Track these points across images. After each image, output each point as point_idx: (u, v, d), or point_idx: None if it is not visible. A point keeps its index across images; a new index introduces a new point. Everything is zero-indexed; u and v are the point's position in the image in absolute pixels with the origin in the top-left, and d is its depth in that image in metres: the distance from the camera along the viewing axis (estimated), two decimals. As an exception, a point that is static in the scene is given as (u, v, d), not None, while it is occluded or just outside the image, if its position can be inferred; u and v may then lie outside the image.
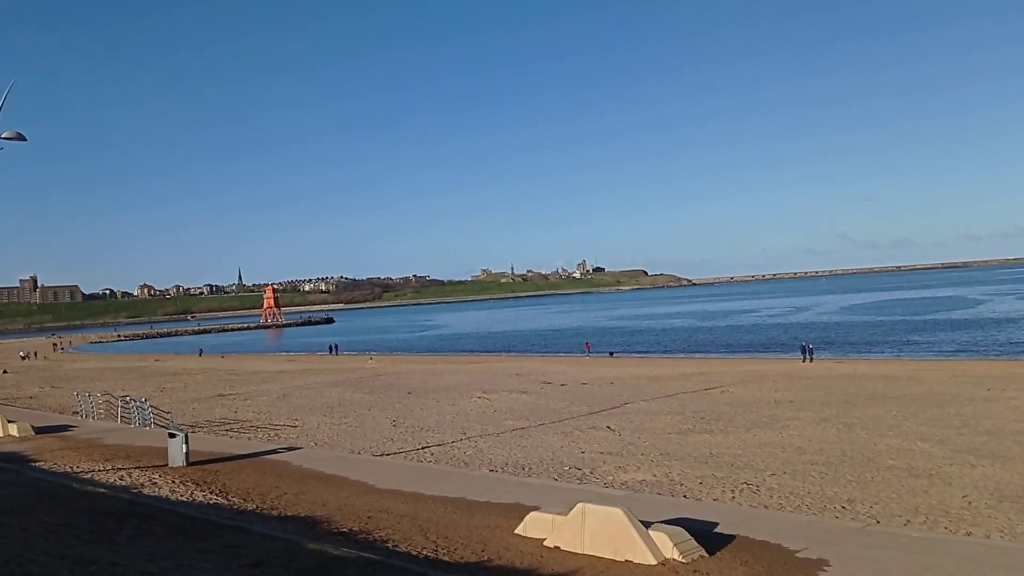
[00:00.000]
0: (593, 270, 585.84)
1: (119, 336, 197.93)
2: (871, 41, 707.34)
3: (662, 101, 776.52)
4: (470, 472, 19.87)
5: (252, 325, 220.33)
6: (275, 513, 14.71)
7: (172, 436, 20.26)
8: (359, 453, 24.35)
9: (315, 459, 21.44)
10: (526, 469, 21.02)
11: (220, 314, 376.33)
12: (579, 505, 11.89)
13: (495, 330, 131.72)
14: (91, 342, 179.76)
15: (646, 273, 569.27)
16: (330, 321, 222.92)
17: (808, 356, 51.82)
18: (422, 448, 25.13)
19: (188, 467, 19.71)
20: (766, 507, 16.14)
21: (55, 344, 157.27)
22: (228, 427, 31.74)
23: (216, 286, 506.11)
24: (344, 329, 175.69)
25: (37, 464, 21.02)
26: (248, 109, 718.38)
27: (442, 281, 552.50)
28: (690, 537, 11.38)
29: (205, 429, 30.85)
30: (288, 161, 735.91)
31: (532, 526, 12.69)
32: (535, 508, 14.23)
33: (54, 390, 54.82)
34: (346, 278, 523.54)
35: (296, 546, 10.89)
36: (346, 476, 18.46)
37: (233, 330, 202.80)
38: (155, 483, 17.74)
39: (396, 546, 12.25)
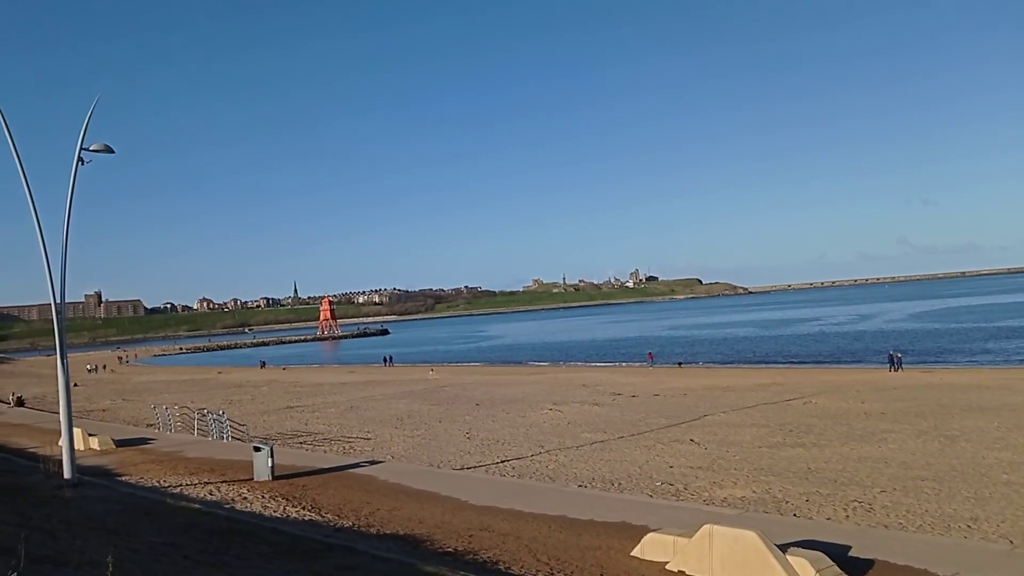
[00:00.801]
0: (646, 279, 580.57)
1: (181, 349, 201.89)
2: (927, 44, 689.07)
3: (716, 108, 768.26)
4: (564, 488, 19.19)
5: (309, 337, 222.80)
6: (373, 531, 14.24)
7: (257, 450, 20.00)
8: (438, 467, 23.89)
9: (399, 473, 21.00)
10: (616, 484, 20.29)
11: (277, 326, 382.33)
12: (705, 527, 11.13)
13: (551, 340, 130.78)
14: (154, 355, 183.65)
15: (700, 282, 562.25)
16: (385, 332, 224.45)
17: (896, 366, 49.85)
18: (502, 462, 24.55)
19: (274, 481, 19.41)
20: (886, 527, 15.15)
21: (120, 357, 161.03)
22: (301, 440, 31.60)
23: (272, 299, 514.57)
24: (399, 340, 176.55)
25: (123, 478, 20.97)
26: (302, 121, 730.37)
27: (493, 292, 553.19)
28: (832, 563, 10.54)
29: (279, 442, 30.70)
30: (341, 173, 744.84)
31: (651, 548, 11.97)
32: (644, 527, 13.56)
33: (125, 403, 55.73)
34: (399, 290, 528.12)
35: (412, 569, 10.35)
36: (436, 491, 17.95)
37: (290, 342, 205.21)
38: (245, 498, 17.44)
39: (508, 568, 11.66)
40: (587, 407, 37.61)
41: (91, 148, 17.92)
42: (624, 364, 74.16)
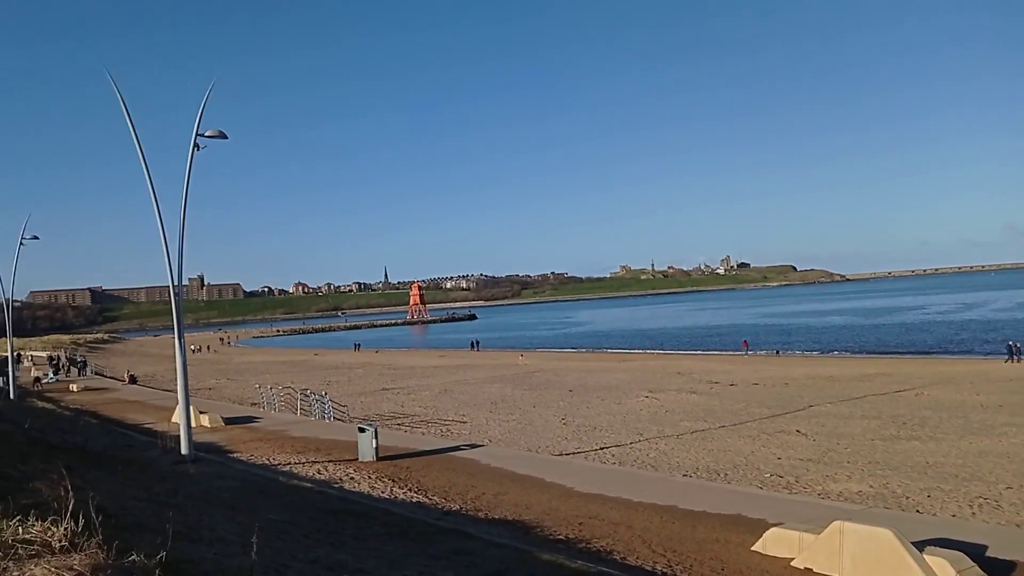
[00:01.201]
0: (738, 266, 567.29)
1: (278, 331, 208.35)
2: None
3: (813, 96, 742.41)
4: (670, 477, 18.79)
5: (399, 321, 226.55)
6: (481, 515, 14.18)
7: (362, 431, 20.27)
8: (536, 452, 23.78)
9: (501, 457, 20.95)
10: (722, 475, 19.75)
11: (368, 310, 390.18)
12: (835, 523, 10.59)
13: (640, 327, 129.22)
14: (253, 337, 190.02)
15: (795, 268, 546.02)
16: (473, 318, 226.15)
17: (1016, 357, 47.11)
18: (601, 448, 24.26)
19: (379, 462, 19.64)
20: (1017, 525, 14.25)
21: (222, 338, 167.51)
22: (399, 421, 32.00)
23: (364, 284, 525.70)
24: (486, 326, 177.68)
25: (234, 455, 21.60)
26: (394, 108, 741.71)
27: (580, 278, 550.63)
28: (972, 563, 9.89)
29: (377, 423, 31.15)
30: (431, 159, 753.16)
31: (774, 543, 11.49)
32: (761, 520, 13.08)
33: (230, 382, 57.82)
34: (486, 275, 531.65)
35: (528, 556, 10.17)
36: (540, 477, 17.80)
37: (382, 326, 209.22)
38: (352, 478, 17.68)
39: (624, 559, 11.38)
40: (684, 395, 36.88)
41: (206, 134, 18.36)
42: (718, 352, 72.56)
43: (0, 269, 48.30)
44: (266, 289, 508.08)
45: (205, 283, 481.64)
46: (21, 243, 38.25)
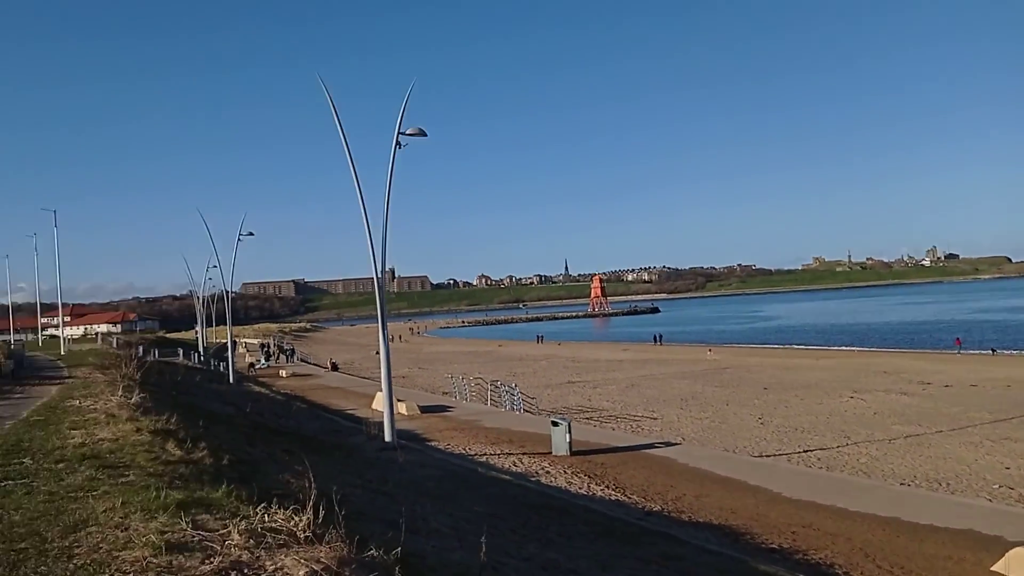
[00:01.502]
0: (945, 257, 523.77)
1: (462, 322, 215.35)
2: None
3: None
4: (887, 486, 17.37)
5: (580, 314, 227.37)
6: (684, 518, 13.66)
7: (555, 425, 20.24)
8: (734, 452, 22.81)
9: (698, 457, 20.26)
10: (943, 485, 18.02)
11: (548, 303, 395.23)
12: (1106, 550, 9.22)
13: (837, 322, 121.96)
14: (440, 327, 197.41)
15: (1010, 260, 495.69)
16: (655, 311, 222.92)
17: None
18: (804, 451, 22.88)
19: (572, 456, 19.53)
20: None
21: (411, 329, 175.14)
22: (588, 416, 31.83)
23: (544, 276, 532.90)
24: (668, 319, 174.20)
25: (432, 444, 22.25)
26: (580, 102, 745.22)
27: (769, 270, 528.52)
28: None
29: (567, 417, 31.22)
30: (609, 152, 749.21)
31: (1018, 565, 10.20)
32: (998, 538, 11.77)
33: (421, 371, 60.20)
34: (668, 267, 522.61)
35: (744, 566, 9.61)
36: (742, 480, 16.99)
37: (563, 318, 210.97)
38: (548, 472, 17.66)
39: (848, 574, 10.50)
40: (893, 396, 34.20)
41: (407, 132, 18.91)
42: (924, 350, 66.99)
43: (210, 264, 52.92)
44: (451, 281, 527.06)
45: (396, 275, 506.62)
46: (239, 239, 41.68)
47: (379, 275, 19.26)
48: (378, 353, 21.66)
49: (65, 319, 76.73)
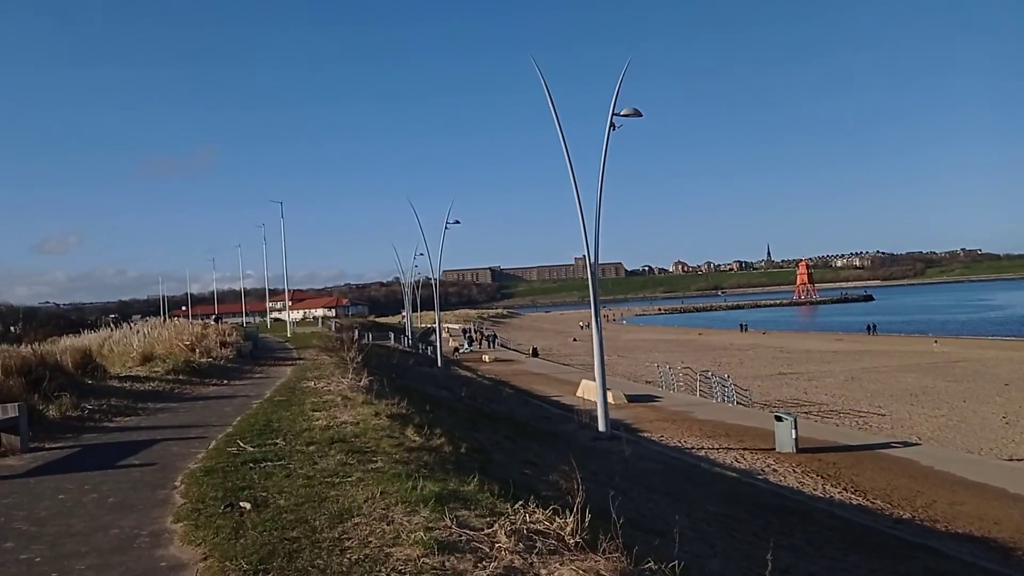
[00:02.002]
0: None
1: (659, 309, 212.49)
2: None
3: None
4: None
5: (784, 302, 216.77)
6: (939, 527, 12.24)
7: (780, 420, 19.03)
8: (979, 454, 20.47)
9: (942, 459, 18.30)
10: None
11: (749, 290, 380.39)
12: None
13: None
14: (635, 314, 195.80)
15: None
16: (869, 299, 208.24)
17: None
18: (1065, 457, 20.11)
19: (798, 454, 18.25)
20: None
21: (607, 315, 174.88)
22: (805, 410, 29.86)
23: (744, 262, 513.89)
24: (883, 307, 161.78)
25: (644, 434, 21.66)
26: (795, 55, 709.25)
27: (998, 255, 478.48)
28: None
29: (781, 411, 29.50)
30: (823, 124, 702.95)
31: None
32: None
33: (620, 359, 59.67)
34: (882, 252, 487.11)
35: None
36: (999, 486, 15.12)
37: (765, 306, 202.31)
38: (775, 470, 16.57)
39: None
40: None
41: (622, 113, 18.37)
42: None
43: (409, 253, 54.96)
44: (646, 268, 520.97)
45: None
46: (446, 227, 43.03)
47: (592, 262, 18.91)
48: (575, 340, 21.34)
49: (288, 303, 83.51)
